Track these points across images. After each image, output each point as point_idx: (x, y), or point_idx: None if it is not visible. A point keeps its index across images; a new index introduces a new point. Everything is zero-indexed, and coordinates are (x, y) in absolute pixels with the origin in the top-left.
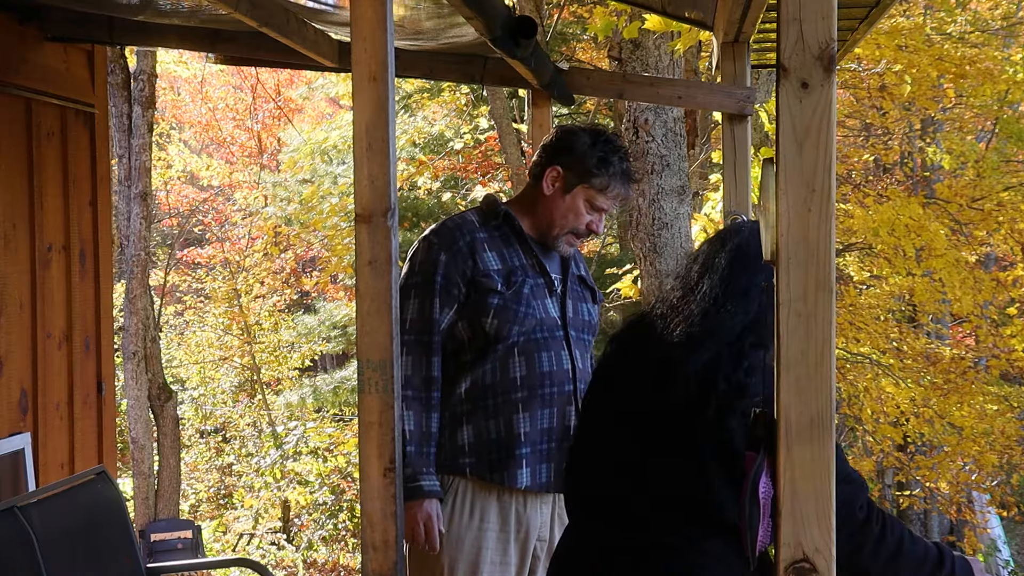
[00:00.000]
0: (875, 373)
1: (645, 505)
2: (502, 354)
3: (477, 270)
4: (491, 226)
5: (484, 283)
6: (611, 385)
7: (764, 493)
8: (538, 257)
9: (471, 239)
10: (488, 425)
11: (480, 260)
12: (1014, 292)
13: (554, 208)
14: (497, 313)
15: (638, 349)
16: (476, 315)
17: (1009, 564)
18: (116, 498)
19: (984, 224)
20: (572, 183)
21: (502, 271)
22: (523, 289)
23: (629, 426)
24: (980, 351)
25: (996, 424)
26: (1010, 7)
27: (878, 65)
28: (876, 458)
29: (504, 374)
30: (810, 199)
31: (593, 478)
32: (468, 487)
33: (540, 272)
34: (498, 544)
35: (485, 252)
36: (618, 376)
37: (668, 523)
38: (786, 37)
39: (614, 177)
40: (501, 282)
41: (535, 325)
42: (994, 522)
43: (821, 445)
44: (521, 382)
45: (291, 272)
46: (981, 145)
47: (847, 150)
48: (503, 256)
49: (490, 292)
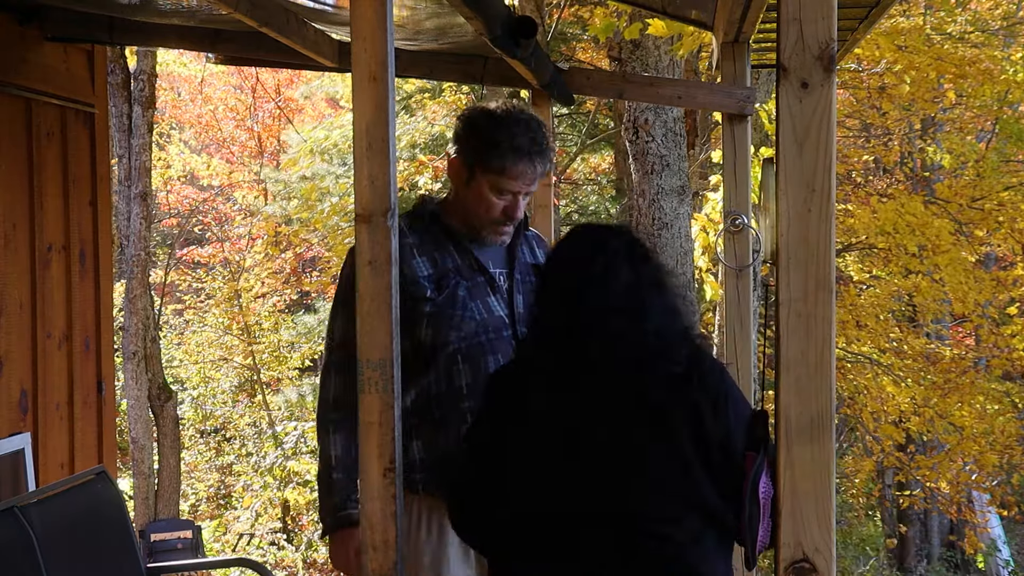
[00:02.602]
0: (875, 373)
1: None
2: (444, 363)
3: (405, 279)
4: (420, 229)
5: (413, 291)
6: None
7: (764, 493)
8: (474, 255)
9: (399, 245)
10: (437, 438)
11: (408, 268)
12: (1014, 292)
13: (466, 201)
14: (431, 321)
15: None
16: (411, 326)
17: (1009, 564)
18: (116, 498)
19: (984, 224)
20: (471, 172)
21: (433, 276)
22: (457, 292)
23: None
24: (980, 351)
25: (996, 424)
26: (1010, 7)
27: (878, 65)
28: (876, 458)
29: (449, 383)
30: (810, 199)
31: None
32: (423, 503)
33: (478, 270)
34: (460, 556)
35: (415, 259)
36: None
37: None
38: (786, 37)
39: (507, 155)
40: (431, 288)
41: (476, 328)
42: (994, 522)
43: (821, 445)
44: (468, 390)
45: (291, 272)
46: (981, 145)
47: (847, 150)
48: (434, 260)
49: (421, 300)
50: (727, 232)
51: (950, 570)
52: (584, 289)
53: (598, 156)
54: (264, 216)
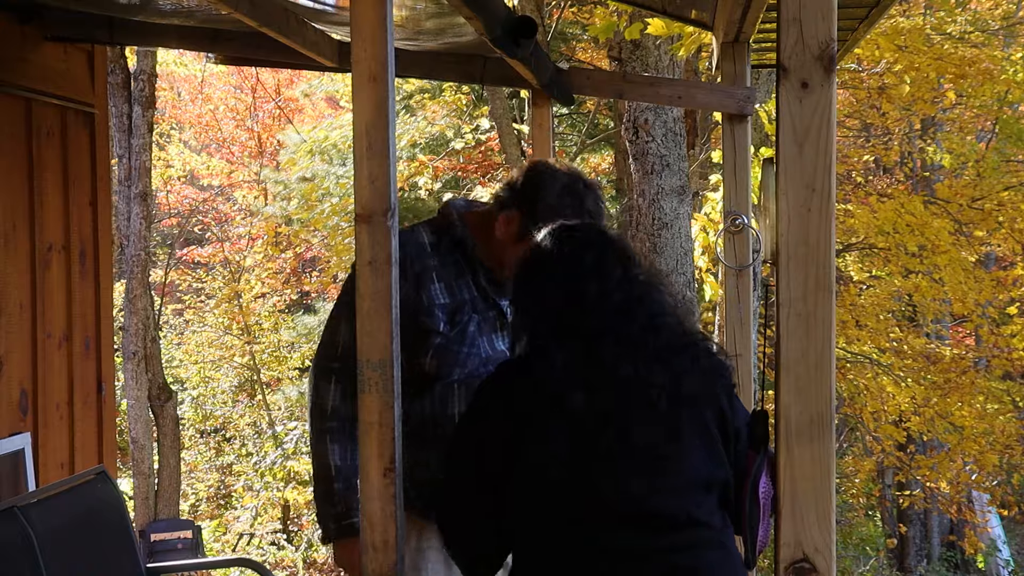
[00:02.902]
0: (875, 373)
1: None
2: (441, 391)
3: (421, 306)
4: (443, 250)
5: (427, 322)
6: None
7: (764, 493)
8: (487, 289)
9: (420, 269)
10: (422, 456)
11: (426, 294)
12: (1014, 292)
13: (503, 252)
14: (437, 354)
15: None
16: (415, 353)
17: (1009, 564)
18: (116, 498)
19: (984, 224)
20: (528, 230)
21: (448, 307)
22: (468, 328)
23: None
24: (981, 351)
25: (996, 423)
26: (1010, 7)
27: (878, 65)
28: (877, 458)
29: (443, 409)
30: (810, 199)
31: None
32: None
33: (490, 305)
34: (439, 563)
35: (433, 284)
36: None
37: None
38: (786, 37)
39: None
40: (444, 321)
41: (479, 363)
42: (994, 522)
43: (821, 445)
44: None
45: (291, 272)
46: (981, 145)
47: (847, 150)
48: (452, 288)
49: (432, 332)
50: (727, 232)
51: (950, 570)
52: (590, 283)
53: (598, 156)
54: (264, 216)
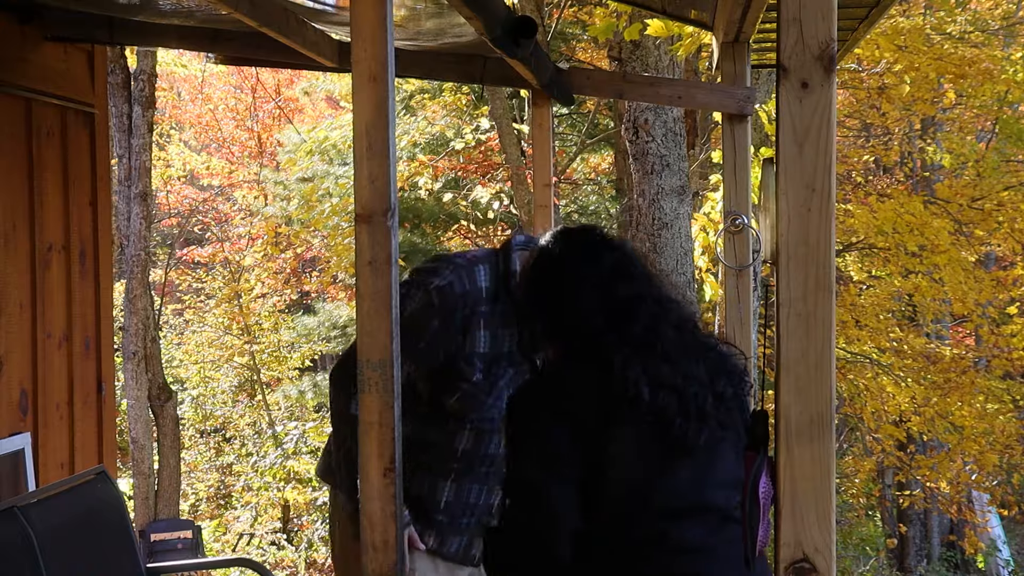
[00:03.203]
0: (875, 373)
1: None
2: (453, 427)
3: (462, 353)
4: (499, 297)
5: (463, 369)
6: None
7: (764, 493)
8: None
9: (470, 312)
10: (415, 478)
11: (470, 339)
12: (1014, 292)
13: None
14: (463, 398)
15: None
16: (441, 390)
17: (1009, 564)
18: (116, 498)
19: (984, 224)
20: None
21: (487, 356)
22: (499, 381)
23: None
24: (981, 351)
25: (996, 423)
26: (1010, 7)
27: (878, 65)
28: (877, 458)
29: (449, 441)
30: (810, 199)
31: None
32: None
33: (526, 358)
34: (427, 564)
35: (479, 331)
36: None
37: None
38: (786, 37)
39: None
40: (480, 370)
41: (497, 413)
42: (994, 522)
43: (821, 445)
44: (462, 455)
45: (291, 272)
46: (981, 145)
47: (847, 150)
48: (496, 338)
49: (464, 379)
50: (727, 232)
51: (950, 570)
52: (619, 284)
53: (598, 156)
54: (264, 216)
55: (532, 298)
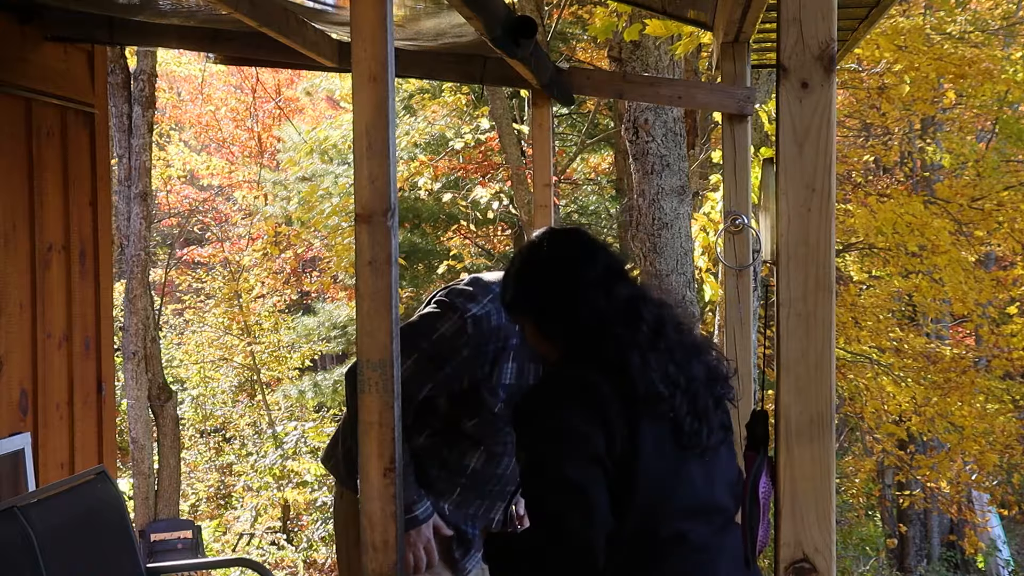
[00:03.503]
0: (875, 372)
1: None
2: (466, 446)
3: (488, 382)
4: None
5: (486, 399)
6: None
7: (764, 493)
8: None
9: (502, 346)
10: (430, 484)
11: (497, 371)
12: (1014, 292)
13: None
14: (481, 423)
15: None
16: (461, 412)
17: (1009, 564)
18: (116, 498)
19: (984, 224)
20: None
21: (512, 388)
22: None
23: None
24: (981, 351)
25: (996, 423)
26: (1010, 7)
27: (878, 65)
28: (877, 458)
29: (459, 458)
30: (810, 199)
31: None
32: None
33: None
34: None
35: (507, 363)
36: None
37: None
38: (786, 37)
39: None
40: (503, 401)
41: (507, 435)
42: (994, 521)
43: (821, 445)
44: (471, 472)
45: (291, 272)
46: (981, 145)
47: (847, 150)
48: (522, 370)
49: (486, 407)
50: (727, 232)
51: (950, 570)
52: (618, 283)
53: (598, 156)
54: (264, 216)
55: (527, 298)
